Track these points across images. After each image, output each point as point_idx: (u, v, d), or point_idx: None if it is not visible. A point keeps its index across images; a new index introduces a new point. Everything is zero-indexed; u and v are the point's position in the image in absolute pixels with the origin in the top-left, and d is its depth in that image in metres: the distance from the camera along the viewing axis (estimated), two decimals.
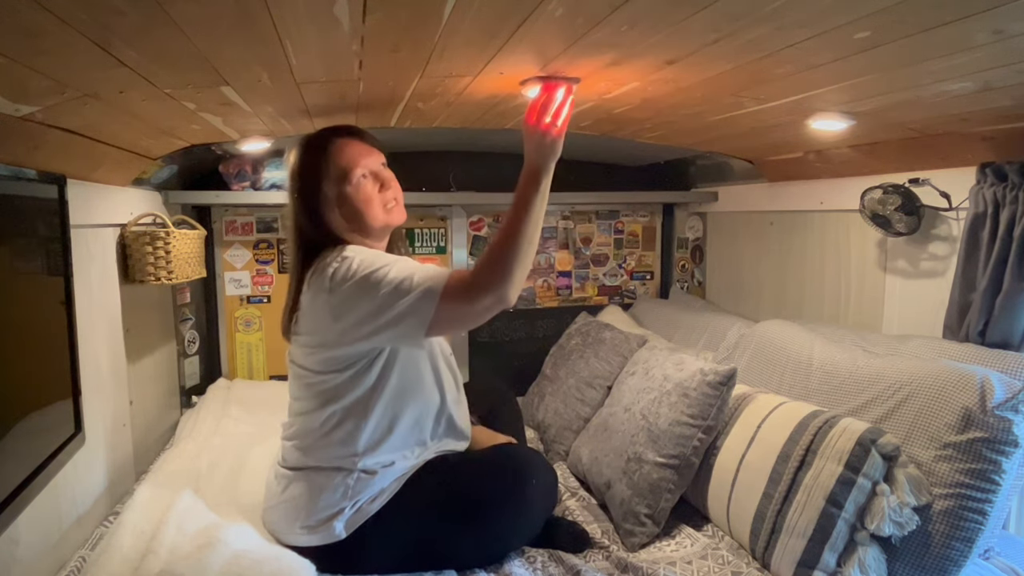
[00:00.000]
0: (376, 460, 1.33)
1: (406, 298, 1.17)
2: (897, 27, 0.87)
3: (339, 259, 1.24)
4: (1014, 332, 1.39)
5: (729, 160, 2.33)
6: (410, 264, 1.24)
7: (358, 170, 1.33)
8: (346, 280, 1.21)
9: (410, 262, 1.26)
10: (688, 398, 1.53)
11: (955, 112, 1.29)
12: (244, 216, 2.44)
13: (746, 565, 1.36)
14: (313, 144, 1.36)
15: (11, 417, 1.09)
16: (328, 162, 1.33)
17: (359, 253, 1.26)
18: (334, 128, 1.38)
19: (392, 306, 1.18)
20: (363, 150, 1.35)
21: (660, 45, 1.02)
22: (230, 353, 2.49)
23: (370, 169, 1.35)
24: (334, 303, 1.23)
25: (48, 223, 1.26)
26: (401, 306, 1.18)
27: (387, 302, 1.18)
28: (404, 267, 1.22)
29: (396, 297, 1.18)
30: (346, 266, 1.23)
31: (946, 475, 1.23)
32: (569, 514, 1.62)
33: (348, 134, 1.37)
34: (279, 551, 1.29)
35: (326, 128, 1.39)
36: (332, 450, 1.33)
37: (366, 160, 1.34)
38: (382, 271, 1.21)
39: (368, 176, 1.34)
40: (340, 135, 1.36)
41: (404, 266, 1.22)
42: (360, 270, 1.22)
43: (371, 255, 1.26)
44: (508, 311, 2.76)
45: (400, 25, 0.95)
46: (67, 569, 1.27)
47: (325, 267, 1.25)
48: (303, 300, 1.30)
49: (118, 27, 0.83)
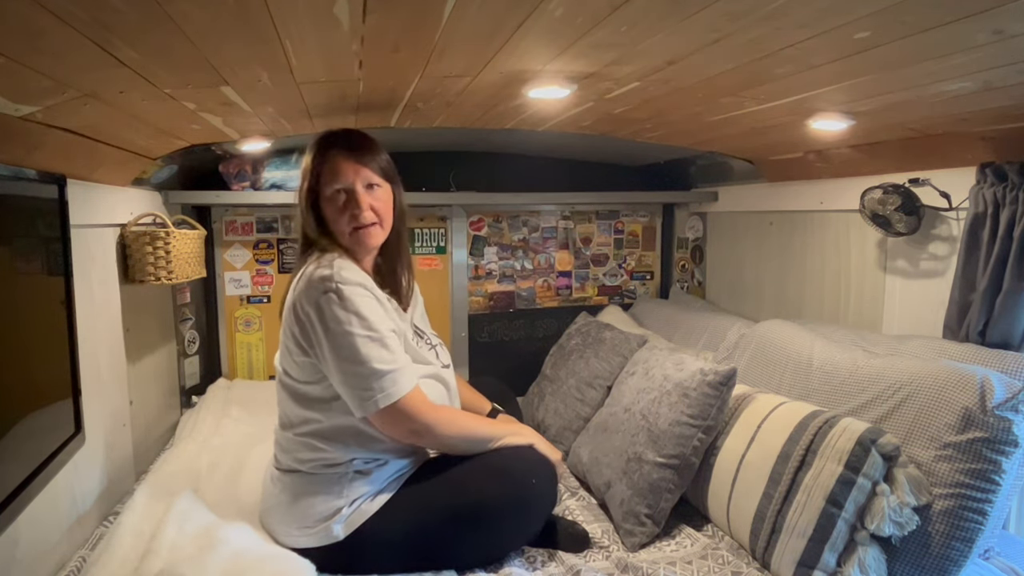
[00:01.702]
0: (369, 461, 1.34)
1: (361, 384, 1.26)
2: (897, 27, 0.87)
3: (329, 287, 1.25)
4: (1014, 332, 1.39)
5: (729, 160, 2.33)
6: (393, 353, 1.28)
7: (336, 183, 1.36)
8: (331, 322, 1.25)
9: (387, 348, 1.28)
10: (688, 398, 1.53)
11: (955, 112, 1.29)
12: (244, 216, 2.44)
13: (746, 565, 1.36)
14: (319, 143, 1.40)
15: (11, 417, 1.09)
16: (321, 165, 1.37)
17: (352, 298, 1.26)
18: (345, 134, 1.41)
19: (344, 375, 1.26)
20: (350, 168, 1.35)
21: (660, 45, 1.02)
22: (230, 353, 2.49)
23: (345, 187, 1.36)
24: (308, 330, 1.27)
25: (48, 223, 1.26)
26: (351, 383, 1.26)
27: (345, 369, 1.26)
28: (387, 352, 1.27)
29: (354, 376, 1.26)
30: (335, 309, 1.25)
31: (946, 475, 1.23)
32: (569, 514, 1.62)
33: (347, 146, 1.37)
34: (279, 551, 1.29)
35: (335, 132, 1.41)
36: (323, 454, 1.33)
37: (347, 178, 1.35)
38: (361, 347, 1.25)
39: (341, 193, 1.36)
40: (343, 144, 1.38)
41: (379, 351, 1.26)
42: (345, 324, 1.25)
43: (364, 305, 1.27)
44: (509, 311, 2.78)
45: (400, 25, 0.95)
46: (67, 569, 1.27)
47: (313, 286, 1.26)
48: (286, 302, 1.33)
49: (118, 27, 0.83)
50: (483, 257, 2.72)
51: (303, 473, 1.34)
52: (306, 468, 1.34)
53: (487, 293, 2.75)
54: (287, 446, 1.37)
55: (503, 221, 2.73)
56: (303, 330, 1.28)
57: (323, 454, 1.33)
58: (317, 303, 1.25)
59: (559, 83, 1.29)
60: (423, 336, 1.53)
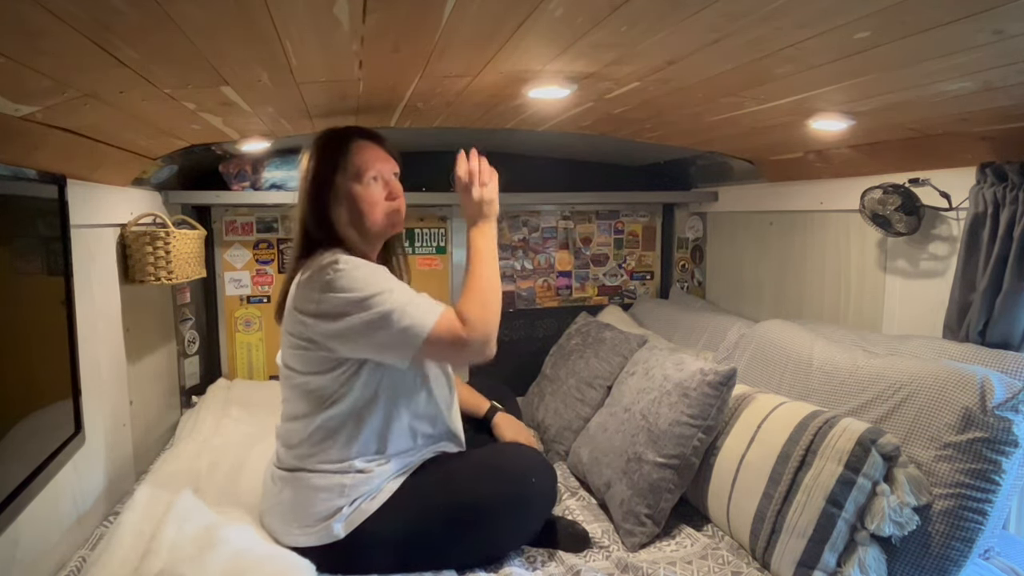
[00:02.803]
0: (370, 460, 1.34)
1: (392, 330, 1.21)
2: (897, 27, 0.87)
3: (334, 268, 1.24)
4: (1014, 332, 1.39)
5: (729, 160, 2.33)
6: (404, 295, 1.25)
7: (371, 171, 1.36)
8: (341, 292, 1.22)
9: (406, 291, 1.26)
10: (688, 398, 1.53)
11: (955, 112, 1.29)
12: (244, 216, 2.44)
13: (746, 565, 1.36)
14: (335, 137, 1.39)
15: (11, 417, 1.09)
16: (346, 157, 1.35)
17: (358, 267, 1.25)
18: (359, 128, 1.42)
19: (376, 335, 1.22)
20: (381, 155, 1.39)
21: (660, 45, 1.02)
22: (230, 353, 2.49)
23: (383, 174, 1.38)
24: (324, 309, 1.24)
25: (48, 223, 1.26)
26: (385, 337, 1.22)
27: (373, 329, 1.21)
28: (398, 297, 1.23)
29: (383, 327, 1.21)
30: (342, 279, 1.23)
31: (946, 475, 1.23)
32: (569, 514, 1.62)
33: (370, 137, 1.40)
34: (279, 551, 1.29)
35: (349, 127, 1.42)
36: (325, 453, 1.33)
37: (381, 165, 1.38)
38: (377, 297, 1.22)
39: (379, 180, 1.37)
40: (364, 136, 1.40)
41: (398, 297, 1.23)
42: (356, 288, 1.22)
43: (369, 272, 1.26)
44: (509, 311, 2.77)
45: (400, 25, 0.95)
46: (67, 569, 1.27)
47: (320, 271, 1.25)
48: (291, 297, 1.31)
49: (118, 27, 0.83)
50: None
51: (305, 471, 1.34)
52: (308, 465, 1.34)
53: None
54: (290, 442, 1.37)
55: (503, 221, 2.73)
56: (314, 316, 1.25)
57: (326, 451, 1.32)
58: (326, 283, 1.23)
59: (559, 83, 1.29)
60: None
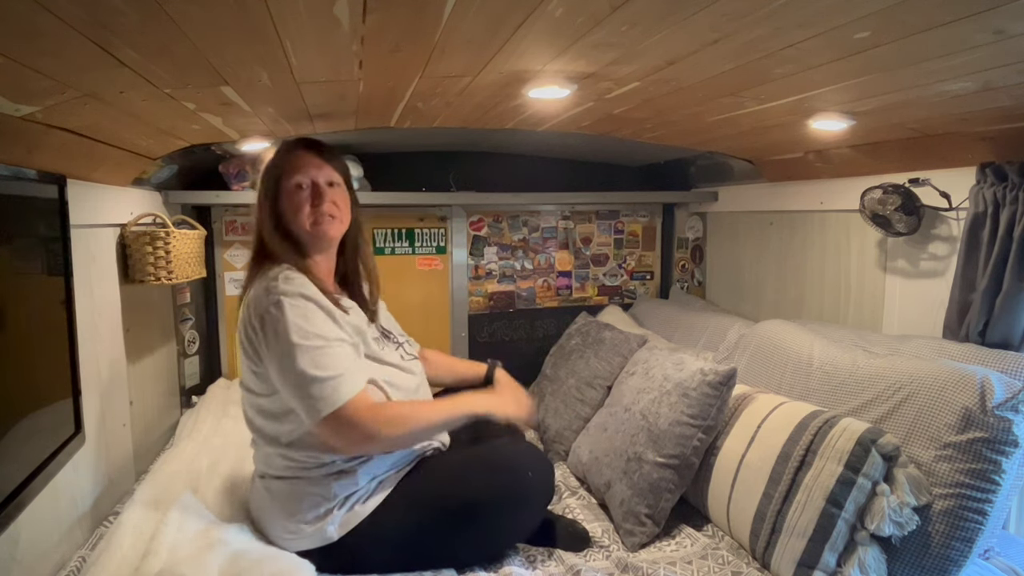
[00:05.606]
0: (349, 460, 1.32)
1: (302, 392, 1.23)
2: (897, 27, 0.87)
3: (276, 301, 1.25)
4: (1014, 332, 1.39)
5: (729, 160, 2.33)
6: (334, 360, 1.25)
7: (296, 177, 1.37)
8: (272, 334, 1.25)
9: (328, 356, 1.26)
10: (688, 398, 1.53)
11: (955, 112, 1.29)
12: (244, 216, 2.44)
13: (746, 565, 1.36)
14: (279, 148, 1.44)
15: (11, 417, 1.09)
16: (279, 166, 1.40)
17: (294, 309, 1.25)
18: (304, 138, 1.46)
19: (288, 386, 1.24)
20: (313, 162, 1.39)
21: (660, 45, 1.02)
22: (230, 353, 2.49)
23: (309, 180, 1.38)
24: (258, 337, 1.27)
25: (48, 223, 1.26)
26: (295, 393, 1.24)
27: (288, 379, 1.24)
28: (327, 359, 1.24)
29: (296, 385, 1.23)
30: (275, 322, 1.24)
31: (946, 475, 1.23)
32: (569, 513, 1.62)
33: (309, 146, 1.43)
34: (278, 551, 1.29)
35: (299, 138, 1.46)
36: (297, 462, 1.32)
37: (310, 171, 1.38)
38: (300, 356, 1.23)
39: (304, 187, 1.38)
40: (304, 145, 1.43)
41: (320, 358, 1.24)
42: (285, 334, 1.24)
43: (304, 315, 1.26)
44: (509, 311, 2.78)
45: (400, 25, 0.95)
46: (67, 569, 1.27)
47: (258, 301, 1.27)
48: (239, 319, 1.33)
49: (118, 27, 0.83)
50: (483, 257, 2.73)
51: (284, 479, 1.33)
52: (287, 474, 1.33)
53: (487, 293, 2.75)
54: (260, 457, 1.38)
55: (503, 221, 2.73)
56: (252, 344, 1.29)
57: (297, 462, 1.31)
58: (262, 316, 1.26)
59: (559, 83, 1.29)
60: (389, 336, 1.52)
